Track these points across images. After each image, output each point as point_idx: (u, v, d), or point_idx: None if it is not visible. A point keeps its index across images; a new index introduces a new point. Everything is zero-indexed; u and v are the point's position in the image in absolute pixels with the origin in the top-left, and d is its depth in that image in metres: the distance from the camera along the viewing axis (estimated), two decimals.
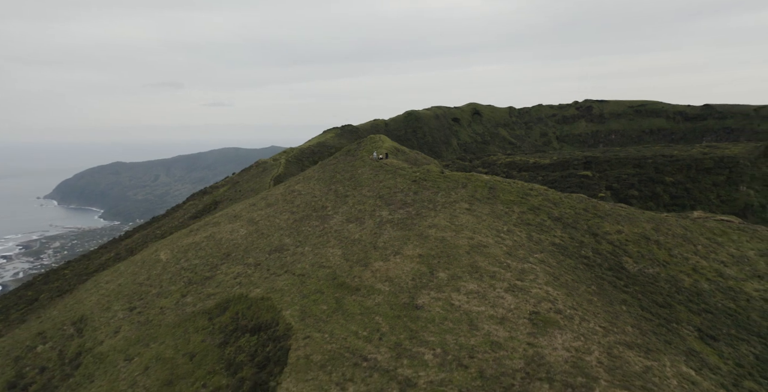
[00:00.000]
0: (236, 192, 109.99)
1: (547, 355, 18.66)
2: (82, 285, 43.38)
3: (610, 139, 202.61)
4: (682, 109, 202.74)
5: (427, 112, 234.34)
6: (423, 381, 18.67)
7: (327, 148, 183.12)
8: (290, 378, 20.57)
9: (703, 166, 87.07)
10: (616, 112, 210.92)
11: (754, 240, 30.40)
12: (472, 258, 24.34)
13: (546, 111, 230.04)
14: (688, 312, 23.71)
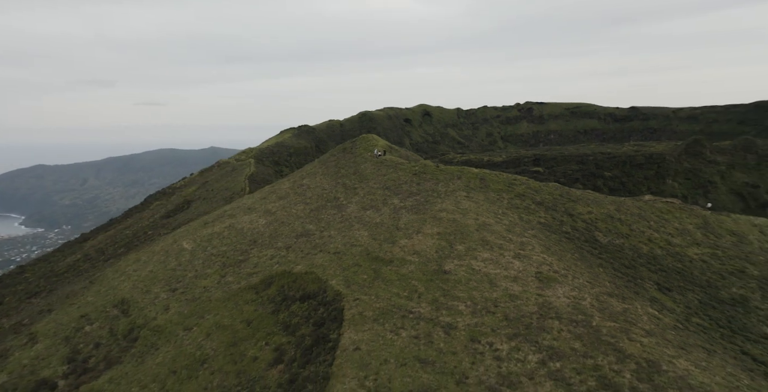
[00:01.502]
0: (208, 191, 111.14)
1: (553, 302, 24.10)
2: (101, 276, 45.80)
3: (549, 139, 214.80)
4: (612, 111, 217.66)
5: (380, 113, 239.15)
6: (461, 324, 23.72)
7: (286, 148, 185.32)
8: (350, 330, 25.12)
9: (636, 162, 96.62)
10: (554, 114, 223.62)
11: (692, 217, 37.31)
12: (481, 234, 29.55)
13: (491, 112, 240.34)
14: (648, 271, 29.85)
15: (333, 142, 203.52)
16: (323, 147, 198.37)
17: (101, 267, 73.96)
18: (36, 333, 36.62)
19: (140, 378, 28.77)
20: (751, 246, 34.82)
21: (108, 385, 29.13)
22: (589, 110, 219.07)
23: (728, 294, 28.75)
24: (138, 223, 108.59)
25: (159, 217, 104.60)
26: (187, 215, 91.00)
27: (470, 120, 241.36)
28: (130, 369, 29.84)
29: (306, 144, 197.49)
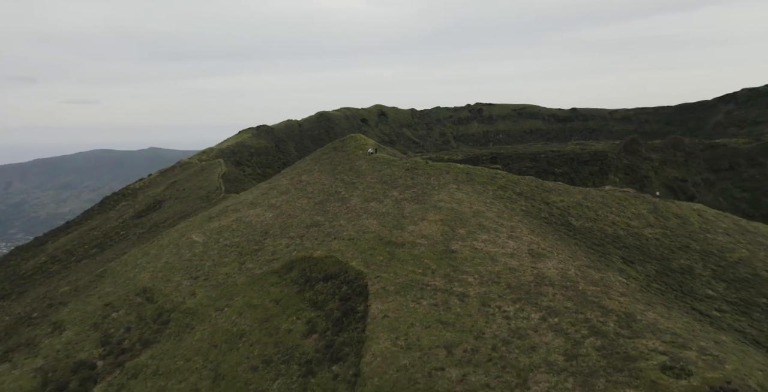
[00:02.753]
0: (179, 190, 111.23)
1: (545, 272, 28.80)
2: (109, 269, 47.46)
3: (498, 138, 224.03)
4: (554, 112, 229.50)
5: (337, 113, 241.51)
6: (472, 293, 28.05)
7: (246, 148, 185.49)
8: (377, 302, 28.99)
9: (582, 159, 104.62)
10: (502, 115, 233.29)
11: (644, 203, 43.25)
12: (477, 219, 33.98)
13: (443, 113, 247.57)
14: (613, 248, 35.17)
15: (292, 142, 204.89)
16: (283, 147, 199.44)
17: (75, 268, 74.38)
18: (62, 322, 38.36)
19: (183, 353, 31.55)
20: (692, 227, 41.08)
21: (152, 361, 31.74)
22: (534, 111, 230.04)
23: (677, 265, 34.45)
24: (105, 224, 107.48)
25: (129, 218, 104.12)
26: (162, 214, 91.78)
27: (424, 120, 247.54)
28: (169, 347, 32.51)
29: (266, 144, 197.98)
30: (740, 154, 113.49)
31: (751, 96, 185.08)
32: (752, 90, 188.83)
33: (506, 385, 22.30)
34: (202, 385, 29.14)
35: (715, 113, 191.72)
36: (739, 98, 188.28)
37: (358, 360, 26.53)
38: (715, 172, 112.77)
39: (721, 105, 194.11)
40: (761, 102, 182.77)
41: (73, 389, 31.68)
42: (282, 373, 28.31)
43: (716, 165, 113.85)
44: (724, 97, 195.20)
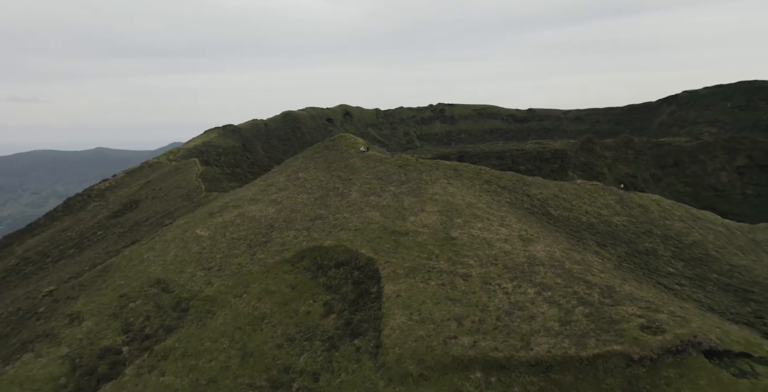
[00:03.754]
0: (155, 190, 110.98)
1: (535, 254, 32.68)
2: (112, 265, 48.73)
3: (460, 138, 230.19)
4: (513, 112, 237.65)
5: (303, 113, 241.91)
6: (474, 273, 31.61)
7: (214, 148, 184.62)
8: (389, 284, 32.18)
9: (544, 157, 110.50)
10: (464, 115, 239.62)
11: (611, 195, 48.11)
12: (471, 210, 37.59)
13: (407, 113, 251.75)
14: (588, 233, 39.49)
15: (259, 142, 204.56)
16: (250, 146, 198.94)
17: (51, 269, 74.53)
18: (79, 313, 39.71)
19: (208, 335, 33.84)
20: (653, 215, 46.08)
21: (179, 344, 33.86)
22: (493, 111, 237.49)
23: (643, 247, 39.08)
24: (78, 225, 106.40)
25: (104, 218, 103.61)
26: (141, 214, 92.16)
27: (388, 120, 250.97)
28: (194, 331, 34.69)
29: (234, 143, 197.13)
30: (683, 151, 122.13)
31: (690, 98, 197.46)
32: (692, 92, 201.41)
33: (512, 348, 25.94)
34: (232, 363, 31.62)
35: (660, 114, 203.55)
36: (681, 100, 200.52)
37: (377, 334, 29.68)
38: (662, 168, 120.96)
39: (665, 106, 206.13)
40: (699, 103, 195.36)
41: (103, 373, 33.44)
42: (306, 349, 31.13)
43: (662, 162, 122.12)
44: (667, 99, 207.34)
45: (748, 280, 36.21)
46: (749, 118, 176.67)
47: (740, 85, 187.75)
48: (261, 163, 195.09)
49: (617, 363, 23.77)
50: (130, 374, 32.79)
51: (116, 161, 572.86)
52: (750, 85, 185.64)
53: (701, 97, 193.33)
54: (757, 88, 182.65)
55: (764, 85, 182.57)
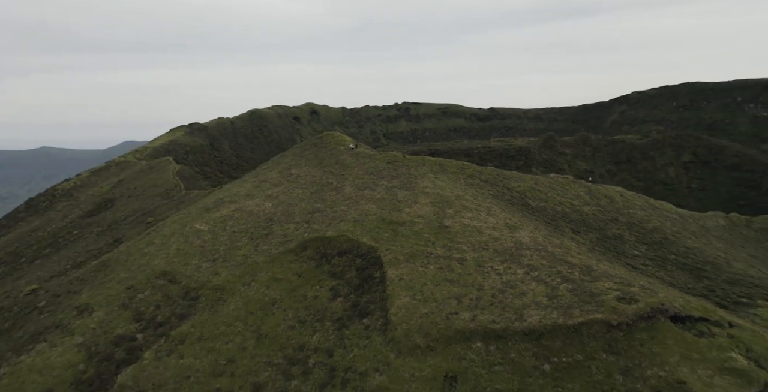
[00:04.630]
0: (130, 189, 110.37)
1: (521, 240, 36.23)
2: (111, 260, 49.71)
3: (425, 136, 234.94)
4: (476, 111, 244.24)
5: (269, 111, 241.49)
6: (468, 257, 34.86)
7: (181, 147, 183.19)
8: (391, 268, 35.09)
9: (509, 154, 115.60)
10: (428, 113, 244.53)
11: (581, 187, 52.42)
12: (460, 202, 40.85)
13: (373, 111, 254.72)
14: (563, 222, 43.44)
15: (226, 140, 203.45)
16: (217, 145, 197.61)
17: (27, 269, 74.24)
18: (87, 305, 40.83)
19: (222, 320, 35.87)
20: (617, 204, 50.64)
21: (194, 329, 35.75)
22: (457, 110, 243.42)
23: (611, 234, 43.35)
24: (49, 225, 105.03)
25: (78, 217, 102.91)
26: (118, 212, 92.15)
27: (355, 118, 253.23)
28: (207, 317, 36.63)
29: (201, 142, 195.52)
30: (635, 148, 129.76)
31: (640, 98, 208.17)
32: (641, 93, 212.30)
33: (508, 320, 29.32)
34: (248, 344, 33.84)
35: (612, 113, 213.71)
36: (631, 100, 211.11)
37: (384, 313, 32.56)
38: (616, 164, 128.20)
39: (616, 106, 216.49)
40: (648, 103, 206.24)
41: (121, 358, 35.01)
42: (318, 329, 33.70)
43: (616, 158, 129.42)
44: (618, 99, 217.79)
45: (701, 260, 40.95)
46: (692, 117, 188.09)
47: (684, 86, 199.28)
48: (229, 162, 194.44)
49: (599, 329, 27.44)
50: (149, 358, 34.51)
51: (63, 161, 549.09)
52: (693, 86, 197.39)
53: (650, 97, 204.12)
54: (699, 90, 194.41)
55: (705, 86, 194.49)
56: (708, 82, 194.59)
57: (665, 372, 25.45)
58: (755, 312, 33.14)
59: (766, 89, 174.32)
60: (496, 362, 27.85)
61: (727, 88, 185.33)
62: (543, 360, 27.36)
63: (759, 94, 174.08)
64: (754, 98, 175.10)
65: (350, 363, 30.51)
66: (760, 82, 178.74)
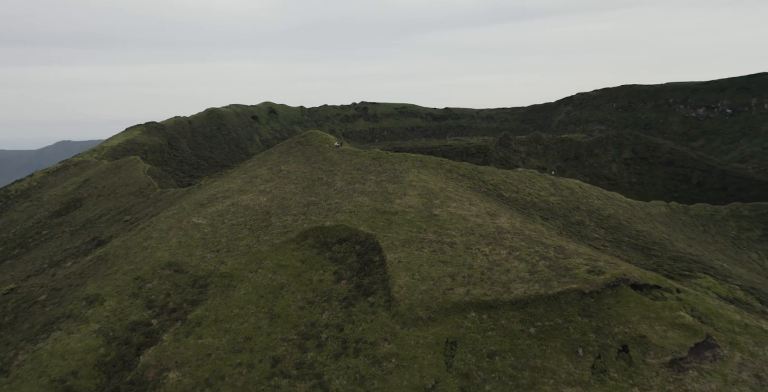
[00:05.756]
0: (99, 188, 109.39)
1: (501, 225, 40.79)
2: (110, 254, 50.97)
3: (383, 135, 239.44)
4: (431, 111, 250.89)
5: (227, 110, 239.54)
6: (458, 241, 39.08)
7: (140, 146, 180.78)
8: (390, 253, 38.84)
9: (470, 152, 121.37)
10: (386, 113, 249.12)
11: (545, 180, 57.88)
12: (444, 193, 45.02)
13: (331, 111, 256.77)
14: (533, 210, 48.44)
15: (184, 139, 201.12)
16: (176, 144, 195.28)
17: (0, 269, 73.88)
18: (96, 295, 42.35)
19: (235, 303, 38.55)
20: (578, 195, 56.30)
21: (208, 312, 38.25)
22: (414, 110, 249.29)
23: (574, 220, 48.75)
24: (13, 226, 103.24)
25: (45, 217, 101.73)
26: (91, 212, 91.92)
27: (313, 117, 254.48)
28: (219, 302, 39.19)
29: (160, 141, 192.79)
30: (582, 146, 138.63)
31: (583, 99, 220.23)
32: (584, 94, 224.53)
33: (497, 293, 33.70)
34: (262, 323, 36.77)
35: (558, 113, 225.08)
36: (575, 101, 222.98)
37: (387, 292, 36.31)
38: (565, 160, 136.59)
39: (562, 106, 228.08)
40: (590, 104, 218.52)
41: (140, 341, 37.11)
42: (326, 308, 37.05)
43: (565, 155, 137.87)
44: (563, 100, 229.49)
45: (650, 241, 46.88)
46: (630, 117, 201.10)
47: (622, 88, 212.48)
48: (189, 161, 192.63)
49: (574, 296, 32.22)
50: (168, 340, 36.82)
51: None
52: (630, 88, 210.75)
53: (592, 98, 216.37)
54: (635, 92, 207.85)
55: (641, 89, 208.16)
56: (643, 85, 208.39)
57: (629, 329, 30.45)
58: (696, 282, 39.01)
59: (694, 92, 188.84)
60: (489, 328, 32.16)
61: (660, 90, 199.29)
62: (529, 324, 31.88)
63: (688, 97, 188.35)
64: (683, 100, 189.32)
65: (360, 335, 34.06)
66: (688, 85, 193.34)
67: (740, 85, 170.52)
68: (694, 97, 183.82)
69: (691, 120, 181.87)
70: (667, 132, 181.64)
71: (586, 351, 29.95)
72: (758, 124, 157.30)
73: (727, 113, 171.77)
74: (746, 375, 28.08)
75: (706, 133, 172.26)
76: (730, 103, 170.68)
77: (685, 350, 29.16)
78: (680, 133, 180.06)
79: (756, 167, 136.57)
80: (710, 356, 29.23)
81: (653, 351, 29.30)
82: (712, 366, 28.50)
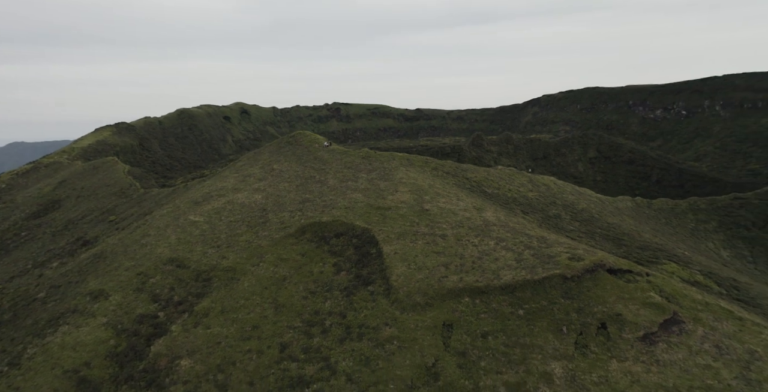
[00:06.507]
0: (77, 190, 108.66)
1: (488, 218, 43.82)
2: (107, 251, 51.78)
3: (356, 136, 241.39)
4: (403, 112, 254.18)
5: (199, 111, 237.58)
6: (449, 234, 41.89)
7: (111, 147, 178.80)
8: (386, 245, 41.33)
9: (445, 152, 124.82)
10: (358, 114, 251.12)
11: (523, 177, 61.31)
12: (433, 189, 47.76)
13: (304, 111, 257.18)
14: (514, 204, 51.74)
15: (156, 140, 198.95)
16: (147, 145, 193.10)
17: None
18: (101, 291, 43.36)
19: (240, 295, 40.32)
20: (553, 190, 59.99)
21: (214, 304, 39.92)
22: (386, 111, 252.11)
23: (552, 214, 52.28)
24: None
25: (21, 219, 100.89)
26: (72, 212, 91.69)
27: (286, 118, 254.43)
28: (224, 294, 40.89)
29: (131, 142, 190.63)
30: (550, 146, 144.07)
31: (549, 101, 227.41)
32: (550, 96, 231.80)
33: (487, 279, 36.62)
34: (268, 313, 38.72)
35: (526, 114, 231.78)
36: (542, 102, 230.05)
37: (386, 281, 38.79)
38: (534, 160, 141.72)
39: (529, 107, 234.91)
40: (556, 105, 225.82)
41: (149, 332, 38.50)
42: (328, 297, 39.28)
43: (535, 154, 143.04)
44: (531, 101, 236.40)
45: (619, 233, 50.83)
46: (593, 118, 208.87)
47: (586, 90, 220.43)
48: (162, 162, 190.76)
49: (557, 281, 35.40)
50: (177, 330, 38.35)
51: None
52: (593, 91, 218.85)
53: (557, 100, 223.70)
54: (598, 94, 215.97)
55: (603, 91, 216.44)
56: (605, 87, 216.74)
57: (606, 309, 33.81)
58: (662, 267, 42.89)
59: (651, 94, 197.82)
60: (482, 311, 35.04)
61: (621, 92, 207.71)
62: (517, 307, 34.90)
63: (646, 99, 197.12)
64: (642, 102, 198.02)
65: (362, 321, 36.44)
66: (646, 87, 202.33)
67: (694, 88, 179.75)
68: (652, 99, 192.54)
69: (649, 121, 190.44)
70: (628, 132, 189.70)
71: (569, 329, 33.11)
72: (710, 125, 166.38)
73: (682, 114, 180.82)
74: (708, 346, 31.77)
75: (663, 133, 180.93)
76: (685, 104, 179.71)
77: (656, 326, 32.68)
78: (639, 133, 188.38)
79: (709, 165, 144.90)
80: (677, 330, 32.82)
81: (628, 327, 32.70)
82: (678, 339, 32.08)
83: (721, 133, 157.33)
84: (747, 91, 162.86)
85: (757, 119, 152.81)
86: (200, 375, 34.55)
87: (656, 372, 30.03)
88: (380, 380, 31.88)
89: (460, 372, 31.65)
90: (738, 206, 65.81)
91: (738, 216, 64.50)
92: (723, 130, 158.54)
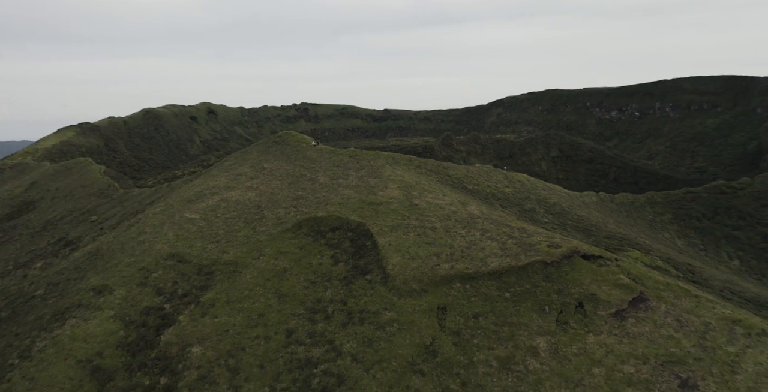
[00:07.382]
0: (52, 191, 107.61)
1: (472, 212, 47.24)
2: (104, 249, 52.58)
3: (325, 136, 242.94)
4: (371, 112, 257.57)
5: (165, 111, 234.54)
6: (438, 226, 45.07)
7: (76, 147, 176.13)
8: (381, 237, 44.14)
9: (417, 152, 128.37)
10: (327, 114, 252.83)
11: (500, 174, 65.25)
12: (420, 186, 50.83)
13: (272, 111, 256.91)
14: (494, 200, 55.45)
15: (121, 141, 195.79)
16: (113, 145, 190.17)
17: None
18: (104, 286, 44.41)
19: (243, 286, 42.31)
20: (527, 186, 64.09)
21: (219, 295, 41.77)
22: (354, 111, 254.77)
23: (527, 207, 56.31)
24: None
25: None
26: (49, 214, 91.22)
27: (254, 118, 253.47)
28: (228, 286, 42.78)
29: (96, 142, 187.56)
30: (515, 146, 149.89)
31: (512, 102, 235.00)
32: (513, 97, 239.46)
33: (476, 266, 39.91)
34: (272, 302, 40.92)
35: (490, 115, 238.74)
36: (505, 103, 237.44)
37: (382, 270, 41.60)
38: (501, 159, 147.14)
39: (493, 108, 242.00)
40: (518, 107, 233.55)
41: (158, 323, 40.07)
42: (329, 287, 41.79)
43: (501, 154, 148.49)
44: (495, 103, 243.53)
45: (588, 224, 55.28)
46: (554, 119, 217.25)
47: (547, 92, 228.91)
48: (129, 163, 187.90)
49: (539, 266, 39.01)
50: (185, 321, 40.07)
51: None
52: (553, 92, 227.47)
53: (520, 101, 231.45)
54: (558, 96, 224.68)
55: (563, 93, 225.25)
56: (564, 90, 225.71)
57: (583, 289, 37.61)
58: (627, 254, 47.26)
59: (607, 96, 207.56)
60: (472, 295, 38.30)
61: (579, 94, 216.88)
62: (504, 290, 38.32)
63: (602, 100, 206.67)
64: (599, 104, 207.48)
65: (362, 307, 39.14)
66: (602, 90, 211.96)
67: (646, 91, 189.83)
68: (608, 101, 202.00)
69: (605, 122, 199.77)
70: (586, 132, 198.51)
71: (551, 308, 36.75)
72: (661, 126, 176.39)
73: (635, 116, 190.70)
74: (670, 320, 35.97)
75: (618, 133, 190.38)
76: (638, 106, 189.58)
77: (625, 303, 36.68)
78: (597, 133, 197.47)
79: (661, 163, 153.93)
80: (643, 307, 36.94)
81: (602, 305, 36.58)
82: (645, 315, 36.16)
83: (671, 133, 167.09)
84: (693, 94, 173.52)
85: (702, 120, 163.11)
86: (212, 361, 36.51)
87: (627, 343, 33.94)
88: (383, 358, 34.67)
89: (456, 350, 34.77)
90: (690, 200, 71.84)
91: (690, 208, 70.47)
92: (672, 130, 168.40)
